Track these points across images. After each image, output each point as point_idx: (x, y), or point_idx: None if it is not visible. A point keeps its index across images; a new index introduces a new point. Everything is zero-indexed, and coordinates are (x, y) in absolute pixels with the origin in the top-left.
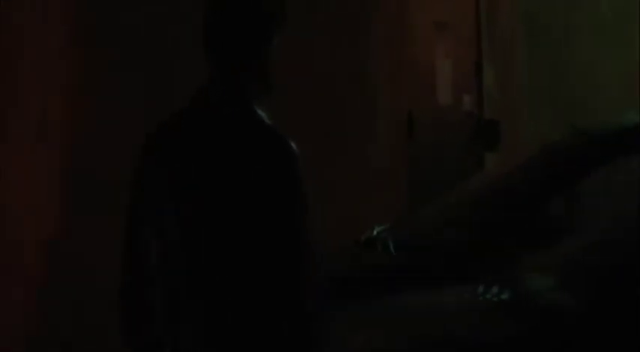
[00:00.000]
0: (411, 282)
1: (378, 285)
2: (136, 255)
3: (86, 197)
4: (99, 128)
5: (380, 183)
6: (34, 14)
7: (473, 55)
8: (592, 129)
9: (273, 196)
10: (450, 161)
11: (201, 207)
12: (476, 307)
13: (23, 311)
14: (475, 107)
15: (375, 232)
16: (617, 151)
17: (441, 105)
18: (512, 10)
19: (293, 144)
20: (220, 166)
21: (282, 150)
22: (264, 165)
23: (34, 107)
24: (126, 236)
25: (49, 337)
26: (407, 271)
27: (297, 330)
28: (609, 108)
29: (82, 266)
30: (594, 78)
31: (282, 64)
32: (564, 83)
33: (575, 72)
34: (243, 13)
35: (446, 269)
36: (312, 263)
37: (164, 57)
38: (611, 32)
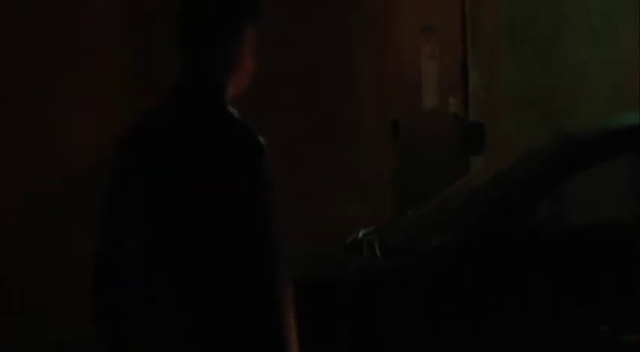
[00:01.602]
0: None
1: (364, 287)
2: (110, 252)
3: None
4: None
5: (366, 185)
6: None
7: (458, 58)
8: (576, 132)
9: (239, 187)
10: (435, 163)
11: (169, 201)
12: None
13: None
14: (461, 110)
15: (360, 235)
16: (602, 154)
17: (426, 108)
18: (498, 13)
19: (260, 138)
20: (189, 161)
21: (248, 143)
22: (231, 158)
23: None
24: (100, 236)
25: None
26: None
27: (263, 318)
28: (595, 111)
29: None
30: (580, 80)
31: (265, 66)
32: (550, 85)
33: (560, 74)
34: (206, 5)
35: (432, 273)
36: (275, 253)
37: None
38: (597, 34)
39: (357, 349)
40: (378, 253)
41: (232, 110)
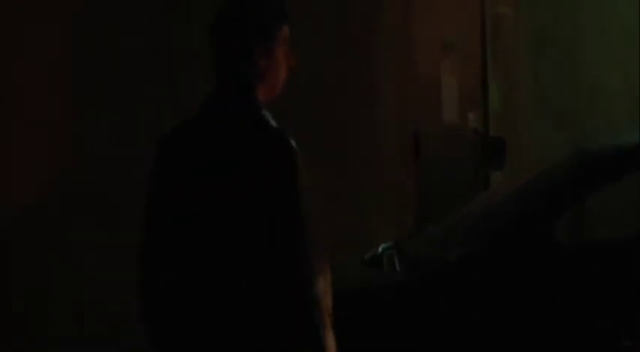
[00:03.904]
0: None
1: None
2: (154, 249)
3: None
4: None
5: (386, 199)
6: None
7: (478, 73)
8: (594, 149)
9: (274, 189)
10: (455, 178)
11: (205, 205)
12: None
13: None
14: (480, 124)
15: (380, 249)
16: (622, 168)
17: (446, 123)
18: (517, 29)
19: (293, 142)
20: (223, 165)
21: (281, 147)
22: (265, 162)
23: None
24: (141, 244)
25: None
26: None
27: (296, 320)
28: (613, 125)
29: None
30: (598, 95)
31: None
32: (569, 100)
33: (579, 89)
34: (236, 14)
35: (452, 286)
36: (309, 255)
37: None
38: (615, 49)
39: None
40: (398, 267)
41: (267, 114)
